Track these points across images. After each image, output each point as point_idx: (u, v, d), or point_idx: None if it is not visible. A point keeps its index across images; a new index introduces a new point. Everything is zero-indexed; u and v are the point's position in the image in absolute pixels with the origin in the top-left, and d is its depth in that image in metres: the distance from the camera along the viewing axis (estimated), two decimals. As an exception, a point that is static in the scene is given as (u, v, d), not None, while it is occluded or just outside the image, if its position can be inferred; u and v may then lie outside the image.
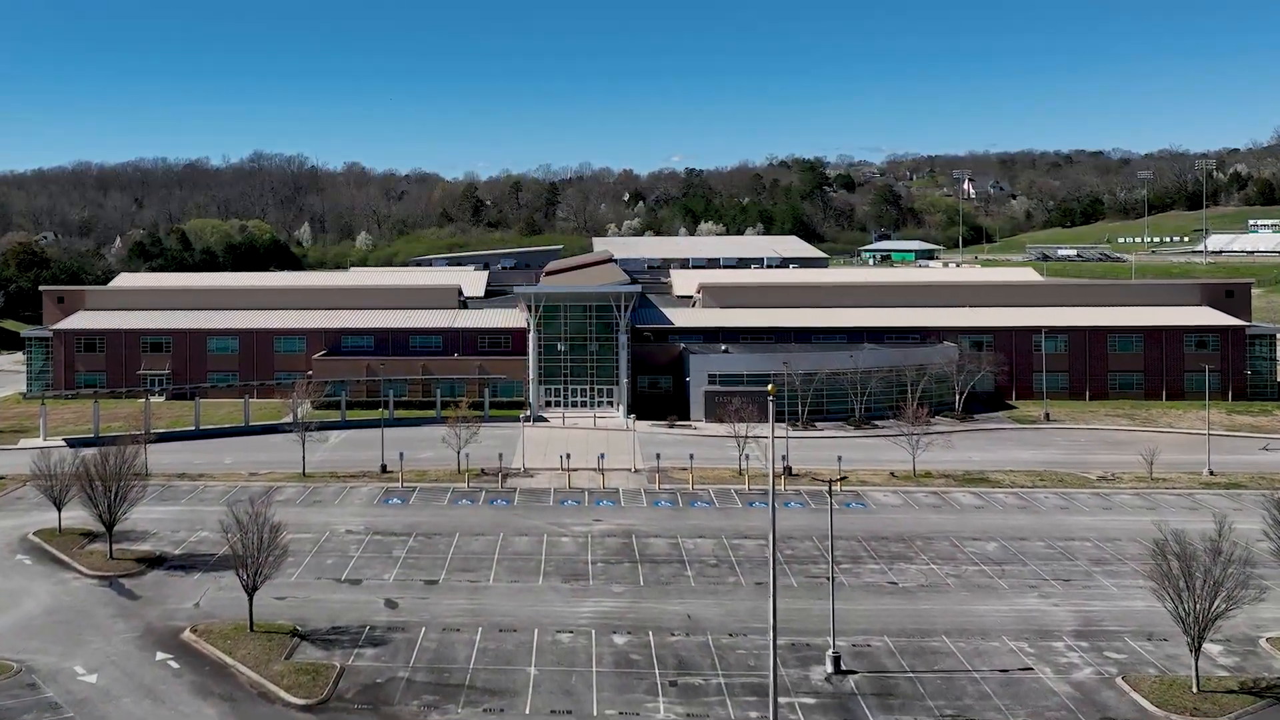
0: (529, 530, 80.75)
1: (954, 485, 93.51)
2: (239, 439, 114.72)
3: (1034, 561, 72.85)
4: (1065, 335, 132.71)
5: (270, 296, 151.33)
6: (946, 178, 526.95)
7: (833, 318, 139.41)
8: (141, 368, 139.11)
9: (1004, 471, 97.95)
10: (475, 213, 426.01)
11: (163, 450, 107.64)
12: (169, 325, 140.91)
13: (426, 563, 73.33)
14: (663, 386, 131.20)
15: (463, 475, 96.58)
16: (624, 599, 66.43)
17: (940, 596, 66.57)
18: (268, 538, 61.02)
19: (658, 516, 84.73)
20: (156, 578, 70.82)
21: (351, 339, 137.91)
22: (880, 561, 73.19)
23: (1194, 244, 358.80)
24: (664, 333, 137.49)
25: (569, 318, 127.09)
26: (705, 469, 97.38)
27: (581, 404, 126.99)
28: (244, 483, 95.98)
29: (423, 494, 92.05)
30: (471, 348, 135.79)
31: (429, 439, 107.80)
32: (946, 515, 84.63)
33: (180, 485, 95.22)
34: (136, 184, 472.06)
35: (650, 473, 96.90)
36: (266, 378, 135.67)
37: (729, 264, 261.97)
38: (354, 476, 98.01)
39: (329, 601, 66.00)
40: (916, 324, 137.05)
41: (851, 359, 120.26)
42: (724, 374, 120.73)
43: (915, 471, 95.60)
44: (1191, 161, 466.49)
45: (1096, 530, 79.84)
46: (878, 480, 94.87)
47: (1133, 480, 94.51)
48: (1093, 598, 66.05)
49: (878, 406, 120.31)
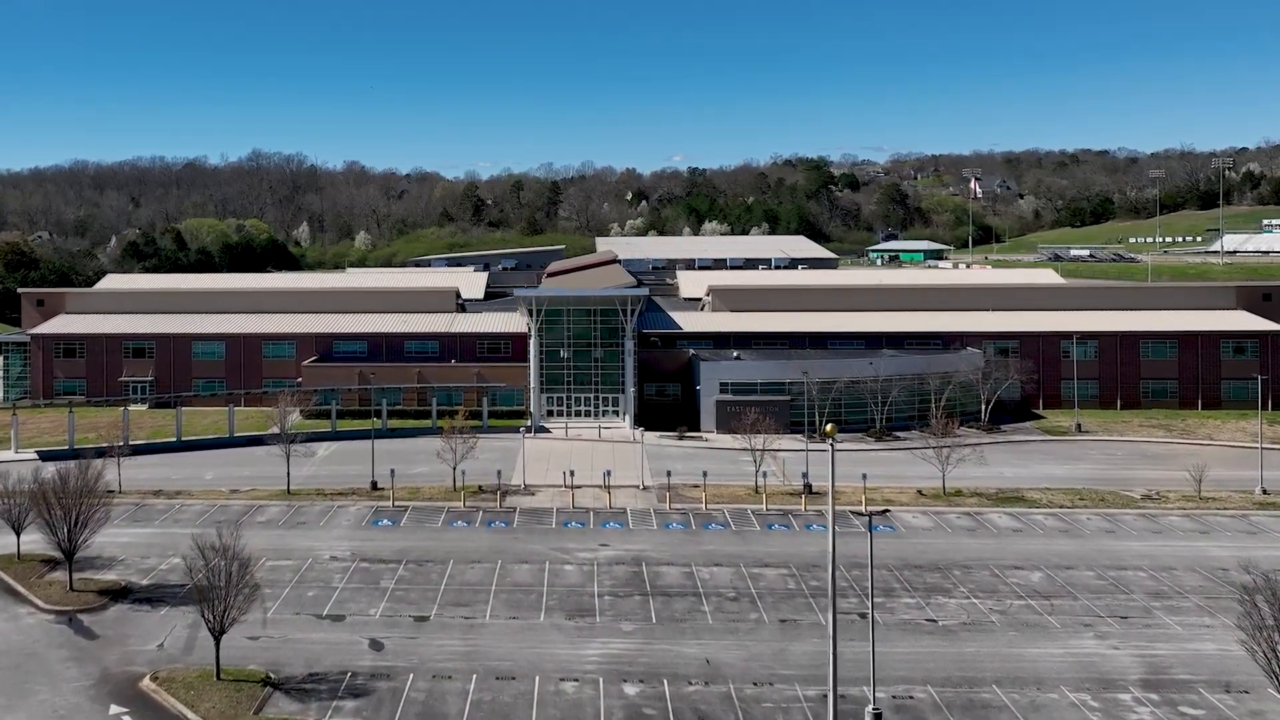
0: (530, 557, 74.15)
1: (988, 505, 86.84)
2: (222, 452, 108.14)
3: (1085, 595, 66.20)
4: (1095, 341, 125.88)
5: (260, 299, 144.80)
6: (952, 177, 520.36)
7: (849, 322, 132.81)
8: (123, 374, 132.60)
9: (1040, 489, 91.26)
10: (476, 212, 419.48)
11: (139, 464, 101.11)
12: (152, 329, 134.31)
13: (417, 595, 66.76)
14: (671, 395, 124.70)
15: (458, 493, 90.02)
16: (634, 639, 59.85)
17: (986, 637, 59.94)
18: (236, 574, 54.52)
19: (669, 541, 78.11)
20: (119, 613, 64.23)
21: (343, 344, 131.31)
22: (916, 594, 66.56)
23: (1207, 244, 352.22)
24: (672, 338, 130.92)
25: (572, 322, 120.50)
26: (719, 486, 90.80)
27: (585, 413, 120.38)
28: (224, 501, 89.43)
29: (415, 515, 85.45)
30: (469, 354, 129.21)
31: (424, 452, 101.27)
32: (983, 540, 77.94)
33: (155, 504, 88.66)
34: (133, 183, 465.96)
35: (660, 491, 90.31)
36: (254, 385, 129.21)
37: (735, 264, 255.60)
38: (342, 494, 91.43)
39: (307, 642, 59.40)
40: (937, 329, 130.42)
41: (871, 366, 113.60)
42: (736, 382, 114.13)
43: (945, 489, 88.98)
44: (1205, 160, 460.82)
45: (1149, 558, 73.14)
46: (905, 499, 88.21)
47: (1180, 500, 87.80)
48: (1155, 639, 59.40)
49: (899, 417, 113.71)
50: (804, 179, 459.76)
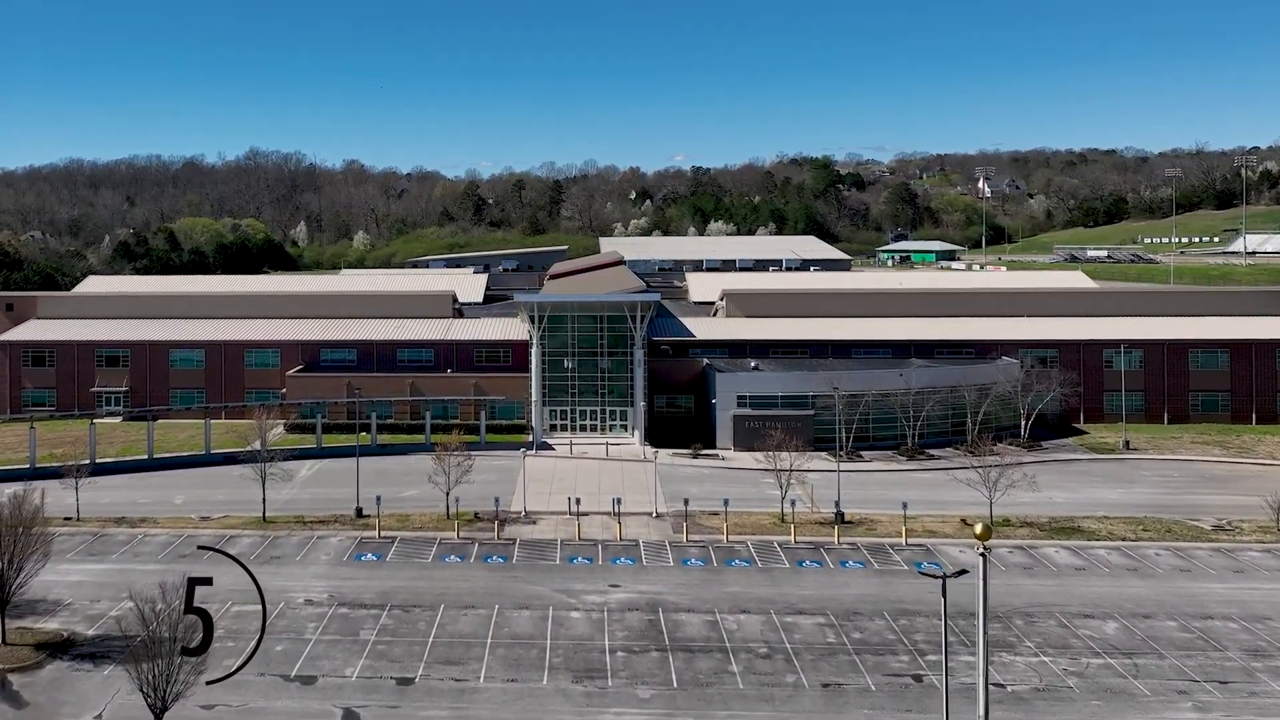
0: (531, 601, 65.32)
1: (1041, 537, 77.94)
2: (197, 471, 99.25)
3: (1172, 652, 57.31)
4: (1139, 349, 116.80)
5: (245, 304, 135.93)
6: (959, 176, 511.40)
7: (874, 329, 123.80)
8: (95, 384, 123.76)
9: (1096, 518, 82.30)
10: (477, 212, 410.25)
11: (105, 486, 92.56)
12: (126, 336, 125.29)
13: (401, 650, 57.96)
14: (683, 407, 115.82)
15: (452, 521, 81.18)
16: (653, 708, 51.09)
17: (1065, 708, 51.09)
18: (182, 637, 45.86)
19: (688, 581, 69.25)
20: (56, 673, 55.46)
21: (331, 352, 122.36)
22: (976, 651, 57.65)
23: (1225, 244, 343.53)
24: (684, 346, 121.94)
25: (577, 330, 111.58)
26: (741, 514, 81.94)
27: (591, 428, 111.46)
28: (193, 530, 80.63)
29: (403, 547, 76.60)
30: (467, 363, 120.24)
31: (415, 472, 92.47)
32: (1043, 580, 69.03)
33: (115, 534, 79.83)
34: (129, 182, 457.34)
35: (675, 519, 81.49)
36: (236, 396, 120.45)
37: (745, 266, 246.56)
38: (323, 522, 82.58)
39: (270, 713, 50.66)
40: (968, 336, 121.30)
41: (902, 378, 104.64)
42: (755, 395, 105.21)
43: (993, 518, 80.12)
44: (1218, 159, 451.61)
45: (1237, 604, 64.25)
46: (948, 530, 79.28)
47: (1256, 531, 78.81)
48: (1267, 711, 50.57)
49: (930, 433, 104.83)
50: (811, 178, 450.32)
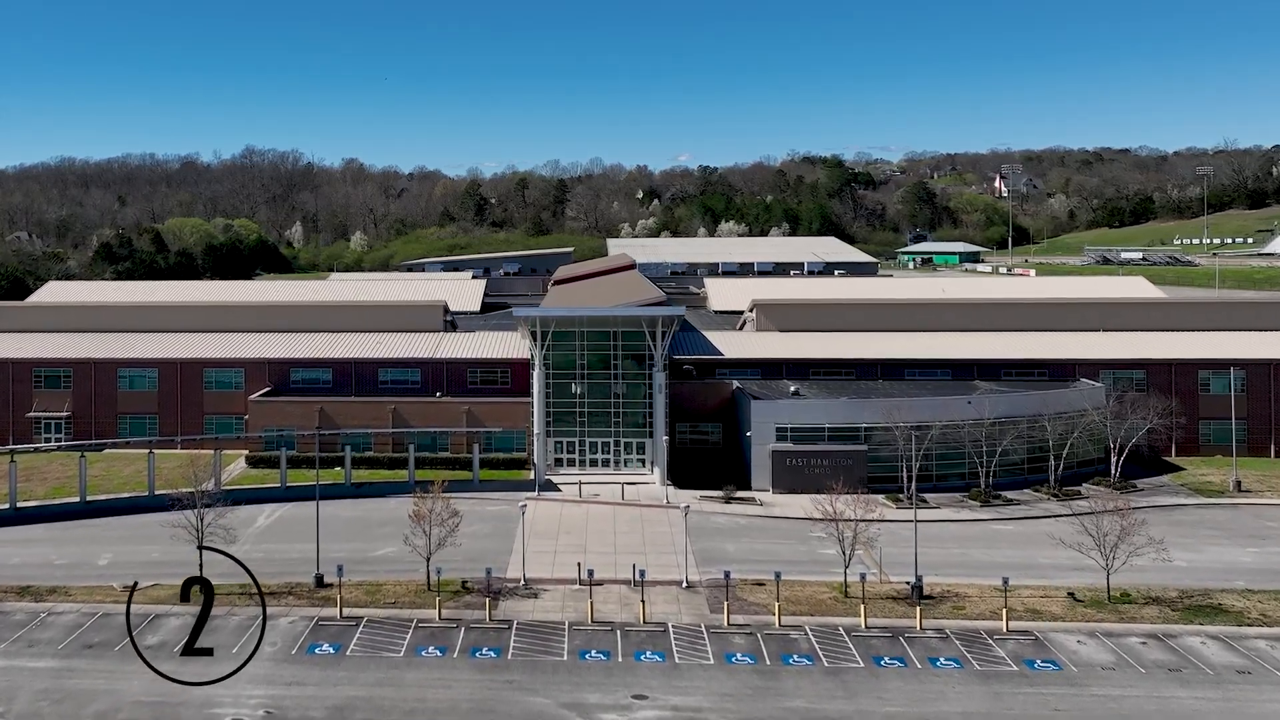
0: (530, 725, 49.36)
1: (1175, 620, 61.71)
2: (135, 520, 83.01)
3: None
4: (1243, 370, 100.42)
5: (209, 316, 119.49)
6: (974, 175, 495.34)
7: (928, 345, 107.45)
8: (34, 408, 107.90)
9: (1237, 592, 65.94)
10: (478, 212, 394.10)
11: (19, 539, 76.99)
12: (68, 354, 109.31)
13: (351, 812, 42.05)
14: (710, 437, 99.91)
15: (433, 595, 65.21)
16: None
17: None
18: None
19: (735, 690, 53.14)
20: None
21: (303, 372, 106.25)
22: (1146, 817, 41.69)
23: (1259, 245, 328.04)
24: (709, 365, 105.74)
25: (587, 347, 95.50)
26: (793, 584, 65.82)
27: (603, 463, 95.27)
28: (110, 606, 64.63)
29: (370, 633, 60.56)
30: (459, 385, 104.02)
31: (394, 521, 76.11)
32: (1199, 692, 52.81)
33: (14, 610, 63.95)
34: (121, 181, 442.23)
35: (712, 591, 65.52)
36: (195, 422, 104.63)
37: (765, 270, 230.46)
38: (274, 594, 66.50)
39: None
40: (1041, 355, 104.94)
41: (972, 405, 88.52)
42: (797, 426, 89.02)
43: (1110, 592, 64.03)
44: (1245, 157, 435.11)
45: None
46: (1055, 610, 63.05)
47: None
48: None
49: (1002, 471, 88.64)
50: (824, 177, 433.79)
